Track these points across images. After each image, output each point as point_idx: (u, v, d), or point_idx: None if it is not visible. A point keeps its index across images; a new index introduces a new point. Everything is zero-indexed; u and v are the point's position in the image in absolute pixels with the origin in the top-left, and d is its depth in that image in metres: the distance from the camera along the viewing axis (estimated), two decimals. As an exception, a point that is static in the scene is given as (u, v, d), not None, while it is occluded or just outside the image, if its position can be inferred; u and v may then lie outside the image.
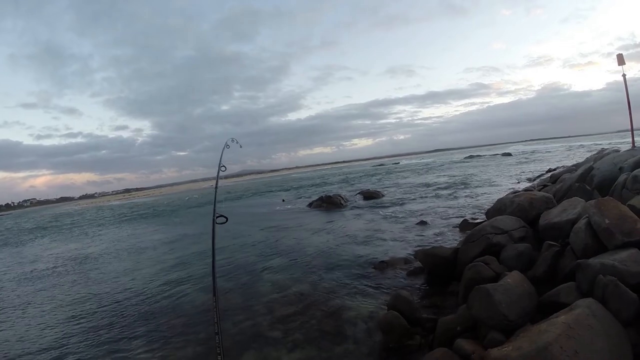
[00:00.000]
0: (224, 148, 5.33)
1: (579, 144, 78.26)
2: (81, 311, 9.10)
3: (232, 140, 5.51)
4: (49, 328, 8.31)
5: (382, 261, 9.60)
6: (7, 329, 8.70)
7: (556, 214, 6.99)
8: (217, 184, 5.08)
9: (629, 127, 12.82)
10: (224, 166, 5.13)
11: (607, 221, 5.00)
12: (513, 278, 5.02)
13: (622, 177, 7.80)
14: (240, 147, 5.69)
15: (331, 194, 26.36)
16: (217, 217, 4.29)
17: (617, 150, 12.85)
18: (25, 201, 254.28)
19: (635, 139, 12.58)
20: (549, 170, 24.13)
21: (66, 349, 7.06)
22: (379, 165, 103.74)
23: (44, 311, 9.60)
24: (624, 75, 12.52)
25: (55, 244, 24.50)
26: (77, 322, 8.41)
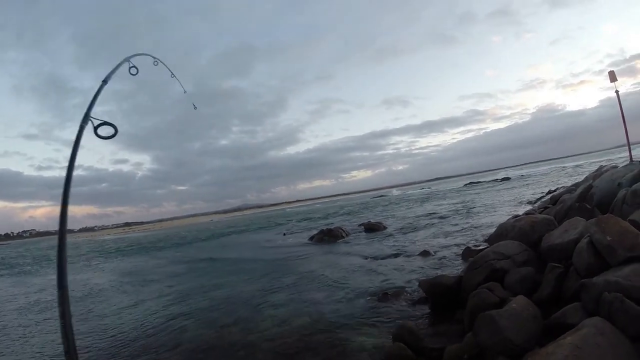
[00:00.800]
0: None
1: (577, 163, 78.62)
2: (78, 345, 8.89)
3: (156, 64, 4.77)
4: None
5: (386, 292, 9.46)
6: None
7: (558, 236, 6.96)
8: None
9: (625, 142, 12.91)
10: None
11: (608, 238, 4.98)
12: (518, 302, 4.96)
13: (622, 192, 7.80)
14: (195, 108, 5.36)
15: (332, 227, 26.20)
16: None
17: (616, 167, 12.87)
18: (24, 232, 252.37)
19: (632, 153, 12.64)
20: (549, 192, 24.12)
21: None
22: (379, 197, 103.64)
23: (40, 346, 9.35)
24: (617, 92, 12.71)
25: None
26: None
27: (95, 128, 3.30)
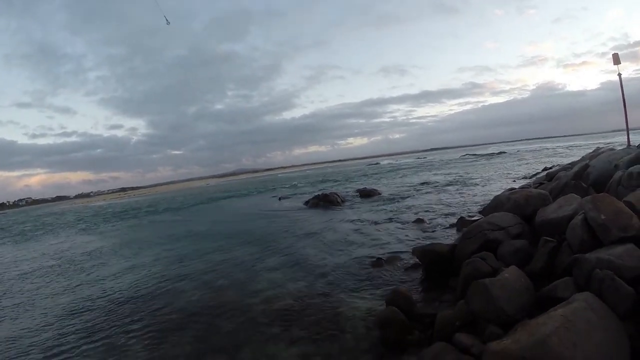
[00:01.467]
0: None
1: (575, 143, 78.61)
2: (79, 307, 9.10)
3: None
4: (47, 325, 8.29)
5: (380, 258, 9.62)
6: (7, 326, 8.68)
7: (552, 211, 7.04)
8: None
9: (624, 126, 12.89)
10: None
11: (603, 217, 5.05)
12: (510, 273, 5.07)
13: (618, 174, 7.86)
14: (168, 23, 5.08)
15: (328, 192, 26.31)
16: None
17: (613, 149, 12.92)
18: (20, 200, 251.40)
19: (630, 137, 12.66)
20: (545, 169, 24.18)
21: (63, 346, 7.05)
22: (375, 164, 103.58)
23: (42, 308, 9.57)
24: (619, 75, 12.60)
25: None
26: (75, 318, 8.41)
27: None
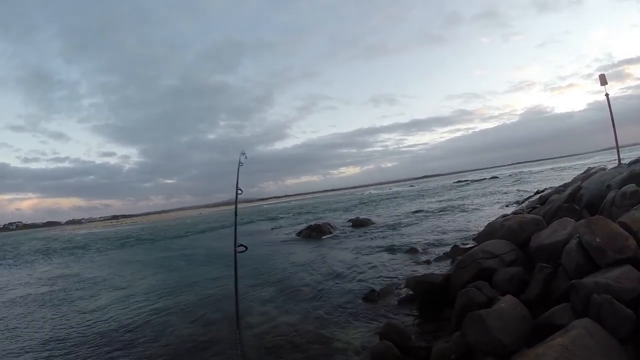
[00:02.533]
0: (238, 167, 5.22)
1: (565, 164, 79.46)
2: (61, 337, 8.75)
3: (243, 155, 5.38)
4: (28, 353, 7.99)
5: (373, 290, 9.41)
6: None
7: (547, 236, 6.95)
8: (236, 210, 5.00)
9: (614, 145, 12.99)
10: (240, 189, 5.00)
11: (598, 240, 4.96)
12: (507, 302, 4.93)
13: (611, 194, 7.80)
14: (246, 158, 5.55)
15: (320, 223, 26.16)
16: (238, 246, 4.35)
17: (604, 168, 12.96)
18: (11, 224, 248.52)
19: (620, 155, 12.71)
20: (537, 192, 24.23)
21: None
22: (368, 193, 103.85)
23: (24, 337, 9.20)
24: (607, 95, 12.77)
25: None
26: (56, 349, 8.07)
27: None
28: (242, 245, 4.11)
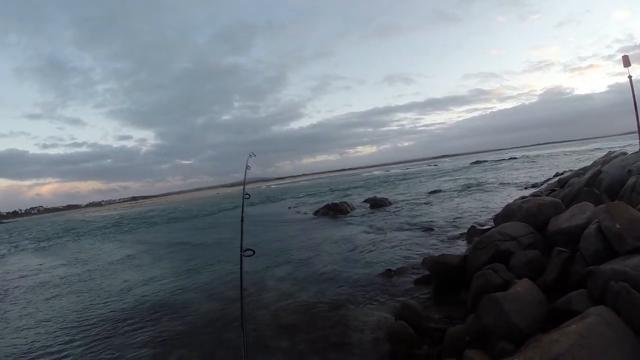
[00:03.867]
0: (245, 170, 5.37)
1: (585, 147, 77.93)
2: (86, 318, 9.06)
3: (251, 156, 5.51)
4: (54, 334, 8.33)
5: (389, 269, 9.51)
6: (13, 336, 8.67)
7: (565, 219, 6.88)
8: (242, 213, 5.08)
9: (636, 129, 12.69)
10: (247, 194, 5.15)
11: (617, 226, 4.90)
12: (523, 286, 4.93)
13: (632, 180, 7.66)
14: (255, 155, 5.66)
15: (337, 202, 26.26)
16: (244, 250, 4.13)
17: (625, 153, 12.70)
18: (32, 209, 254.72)
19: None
20: (556, 175, 23.90)
21: (70, 356, 7.02)
22: (385, 172, 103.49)
23: (49, 317, 9.57)
24: (630, 77, 12.42)
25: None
26: (82, 329, 8.37)
27: None
28: (249, 249, 3.99)
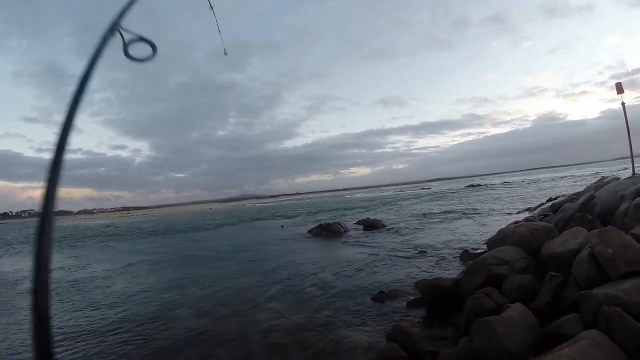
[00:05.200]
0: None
1: (578, 172, 78.64)
2: (72, 330, 8.87)
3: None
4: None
5: (382, 292, 9.44)
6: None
7: (558, 245, 6.92)
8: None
9: (628, 155, 12.87)
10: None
11: (610, 251, 4.95)
12: (516, 310, 4.94)
13: (624, 205, 7.73)
14: (226, 54, 4.24)
15: (331, 223, 26.18)
16: None
17: (618, 179, 12.83)
18: (23, 212, 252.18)
19: (635, 166, 12.59)
20: (550, 200, 24.04)
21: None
22: (379, 194, 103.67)
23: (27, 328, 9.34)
24: (623, 104, 12.66)
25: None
26: (68, 341, 8.17)
27: (126, 45, 2.11)
28: None
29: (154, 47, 2.17)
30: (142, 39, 2.14)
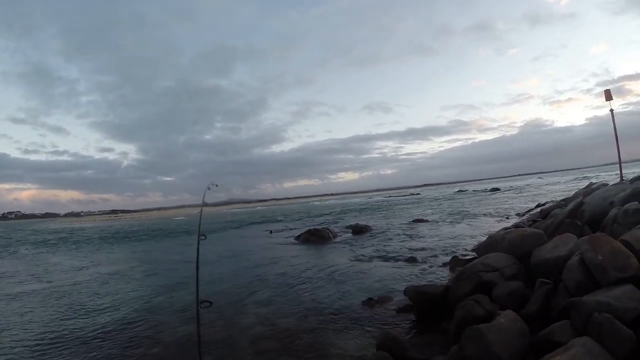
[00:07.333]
0: (203, 201, 5.55)
1: (566, 178, 79.58)
2: (55, 336, 8.66)
3: (210, 188, 5.61)
4: (17, 354, 7.87)
5: (371, 298, 9.38)
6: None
7: (548, 251, 6.92)
8: (197, 262, 4.82)
9: (615, 160, 13.03)
10: (203, 235, 5.00)
11: (600, 257, 4.94)
12: (506, 317, 4.90)
13: (613, 211, 7.79)
14: (217, 186, 5.73)
15: (319, 228, 26.08)
16: (201, 302, 4.15)
17: (606, 184, 12.96)
18: (9, 213, 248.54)
19: (622, 172, 12.73)
20: (538, 205, 24.20)
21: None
22: (368, 199, 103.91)
23: (17, 336, 9.10)
24: (611, 110, 12.85)
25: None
26: (49, 348, 7.98)
27: None
28: (206, 301, 3.81)
29: None
30: None
